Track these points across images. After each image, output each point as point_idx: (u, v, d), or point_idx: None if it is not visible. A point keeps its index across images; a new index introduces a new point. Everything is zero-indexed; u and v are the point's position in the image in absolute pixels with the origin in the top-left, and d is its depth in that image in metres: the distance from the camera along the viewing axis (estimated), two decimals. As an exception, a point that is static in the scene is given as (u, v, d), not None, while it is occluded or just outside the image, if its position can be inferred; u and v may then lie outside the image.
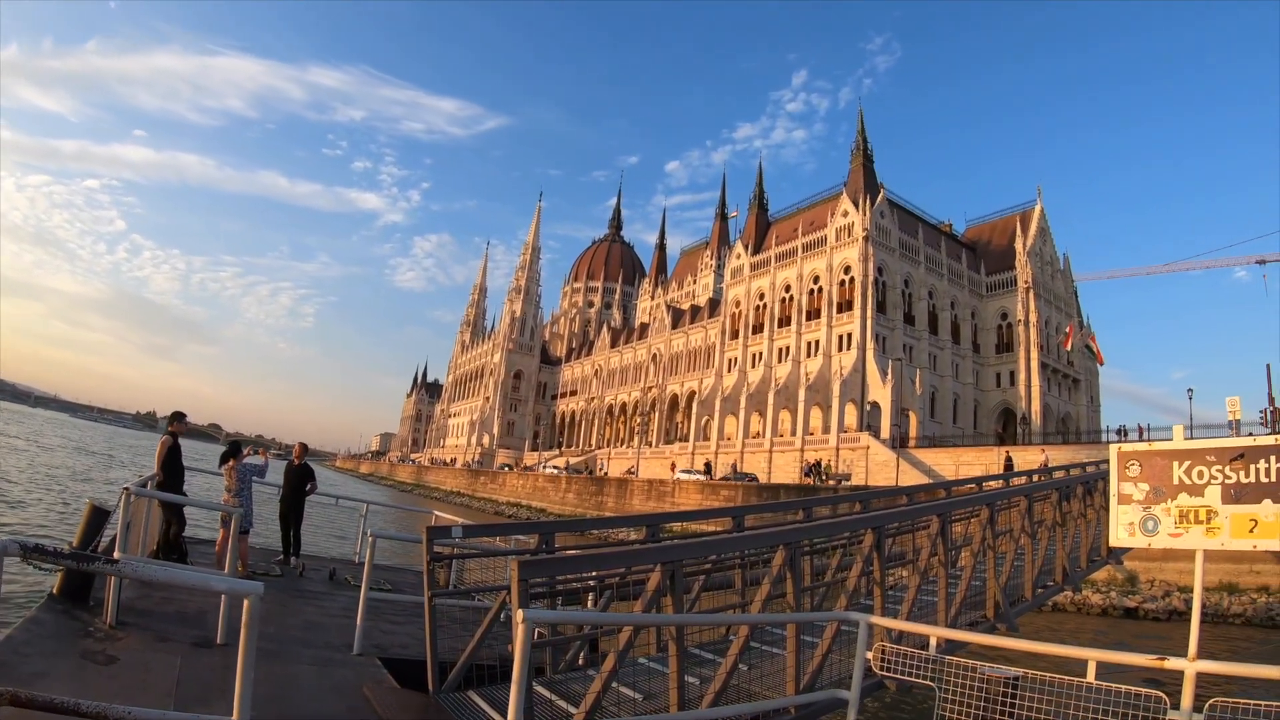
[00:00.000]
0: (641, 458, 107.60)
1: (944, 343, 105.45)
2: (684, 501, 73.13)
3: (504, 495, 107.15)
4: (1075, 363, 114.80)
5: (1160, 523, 12.31)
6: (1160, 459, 12.46)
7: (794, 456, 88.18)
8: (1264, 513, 11.46)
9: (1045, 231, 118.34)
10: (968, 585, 13.75)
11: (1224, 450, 12.02)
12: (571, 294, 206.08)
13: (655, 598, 7.92)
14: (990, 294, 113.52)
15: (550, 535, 12.47)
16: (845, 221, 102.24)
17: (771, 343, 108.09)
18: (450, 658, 9.22)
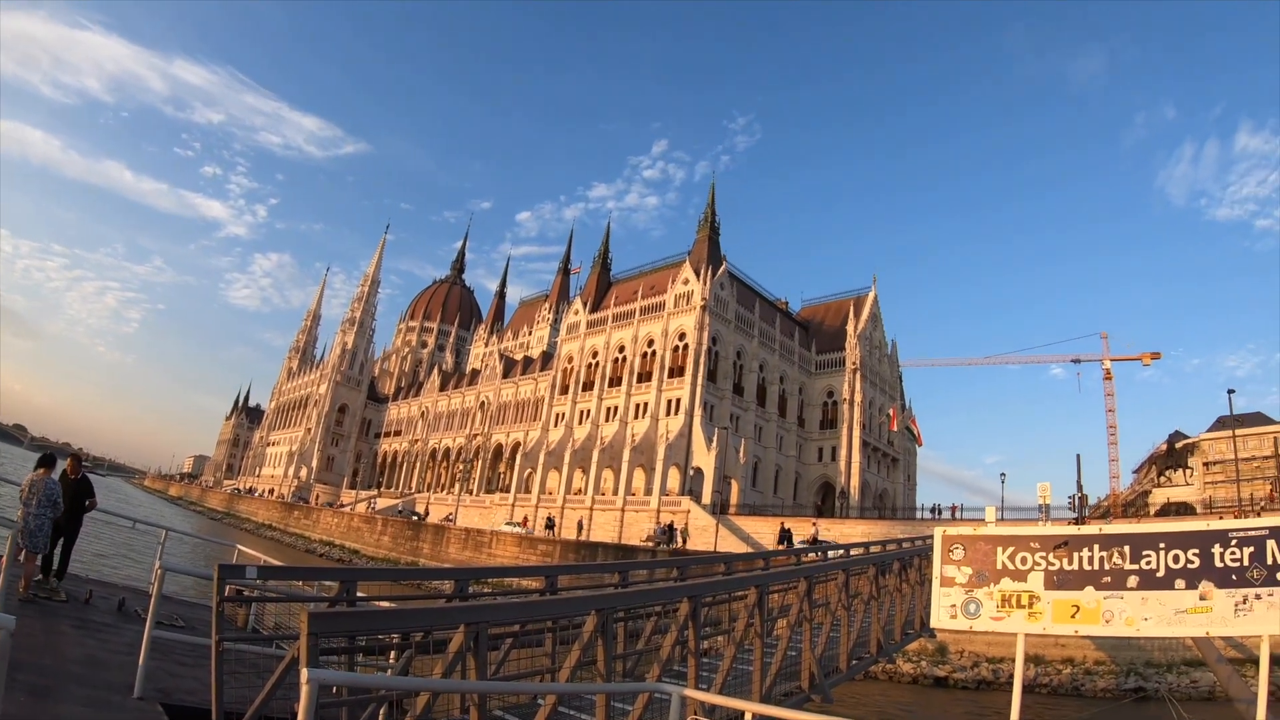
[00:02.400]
0: (461, 505, 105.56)
1: (770, 415, 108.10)
2: (501, 554, 71.98)
3: (317, 533, 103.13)
4: (895, 442, 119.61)
5: (983, 606, 12.64)
6: (984, 543, 12.80)
7: (614, 516, 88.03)
8: (1086, 599, 11.87)
9: (876, 318, 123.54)
10: (784, 655, 13.79)
11: (1048, 538, 12.47)
12: (406, 332, 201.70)
13: (457, 660, 7.59)
14: (819, 372, 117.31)
15: (352, 584, 11.71)
16: (685, 289, 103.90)
17: (600, 401, 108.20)
18: (239, 708, 8.29)
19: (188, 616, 15.58)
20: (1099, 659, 40.82)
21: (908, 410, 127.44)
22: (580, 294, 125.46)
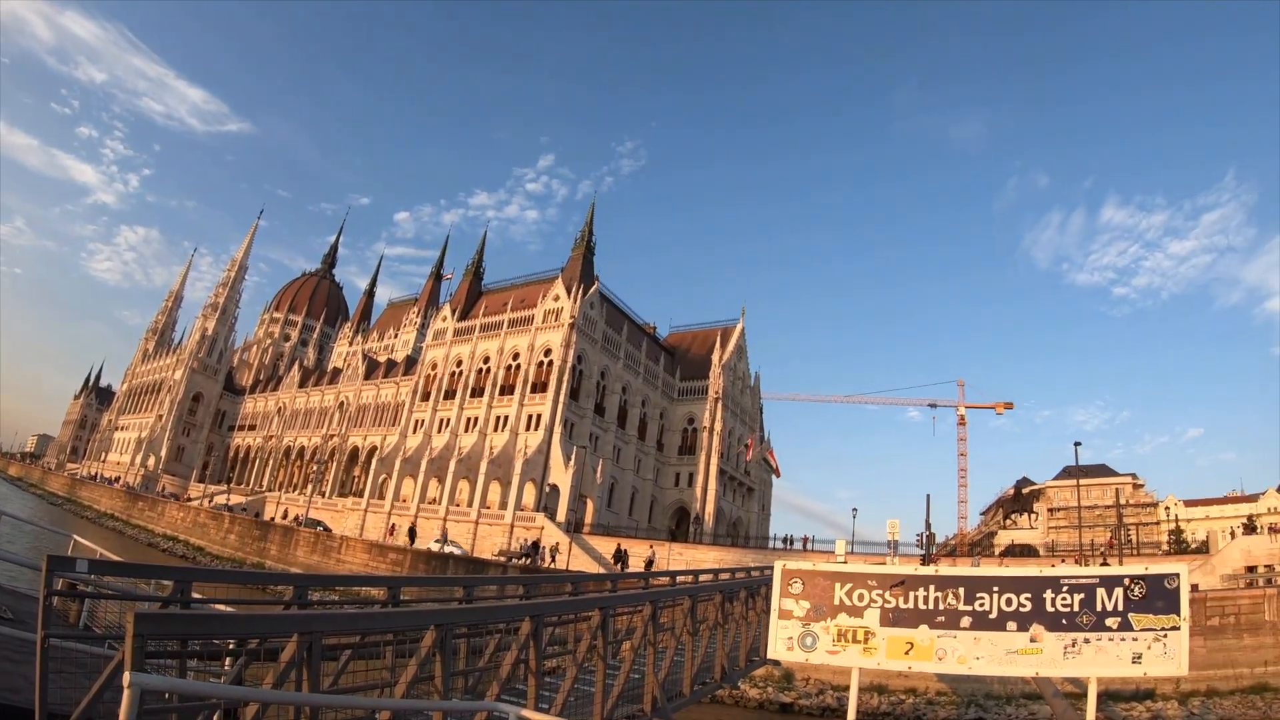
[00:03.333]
0: (313, 507, 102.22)
1: (630, 437, 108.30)
2: (350, 560, 70.14)
3: (162, 526, 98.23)
4: (751, 472, 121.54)
5: (819, 640, 12.68)
6: (823, 579, 12.87)
7: (468, 528, 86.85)
8: (920, 637, 12.04)
9: (742, 349, 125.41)
10: (626, 678, 13.57)
11: (885, 576, 12.60)
12: (270, 323, 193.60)
13: (289, 670, 7.17)
14: (682, 398, 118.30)
15: (187, 585, 11.10)
16: (555, 305, 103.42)
17: (462, 411, 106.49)
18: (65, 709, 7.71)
19: (18, 609, 14.45)
20: (941, 690, 41.59)
21: (766, 442, 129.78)
22: (450, 300, 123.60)
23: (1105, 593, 11.00)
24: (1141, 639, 10.92)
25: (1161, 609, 10.91)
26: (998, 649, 11.32)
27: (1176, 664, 10.82)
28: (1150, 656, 10.88)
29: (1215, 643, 42.60)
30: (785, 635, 12.95)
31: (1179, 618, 10.81)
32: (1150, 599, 10.97)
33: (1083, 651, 11.00)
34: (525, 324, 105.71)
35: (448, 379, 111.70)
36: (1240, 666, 41.99)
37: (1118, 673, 11.14)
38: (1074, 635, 10.99)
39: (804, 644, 12.77)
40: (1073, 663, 11.06)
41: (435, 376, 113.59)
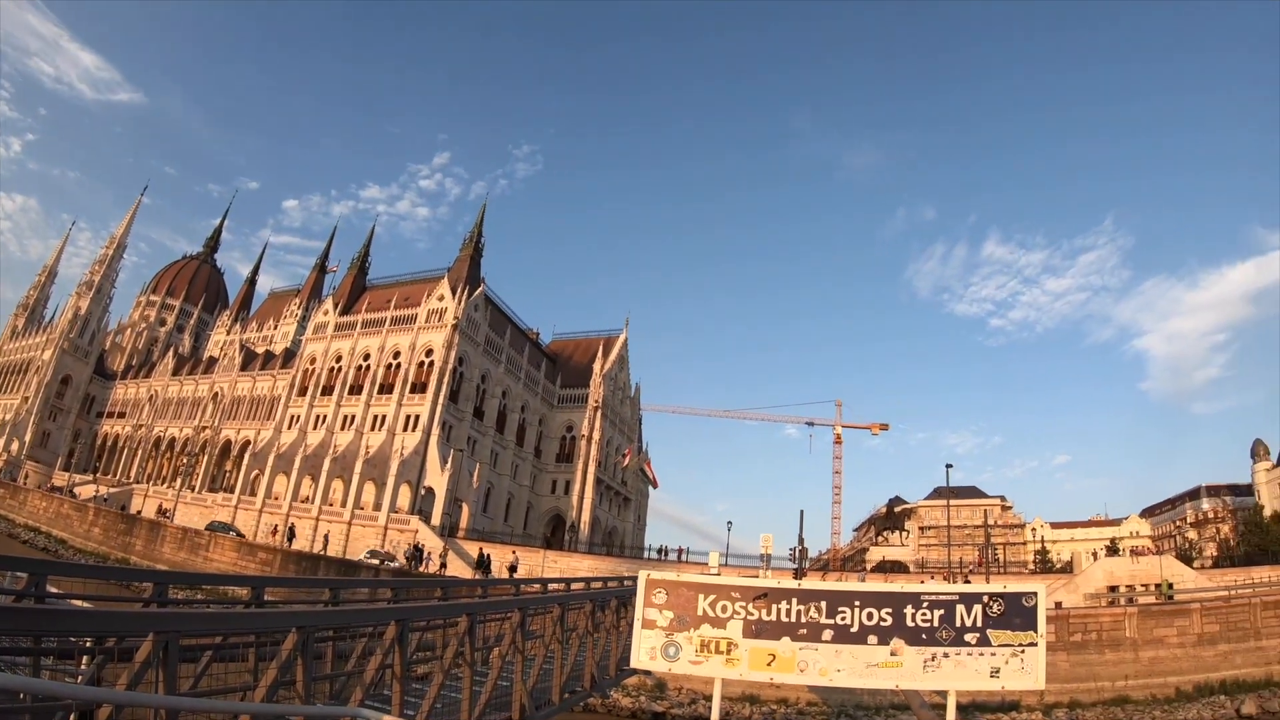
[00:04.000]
0: (181, 502, 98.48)
1: (508, 442, 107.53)
2: (218, 559, 67.97)
3: (23, 516, 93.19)
4: (628, 482, 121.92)
5: (682, 650, 12.58)
6: (687, 590, 12.78)
7: (341, 528, 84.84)
8: (782, 649, 12.02)
9: (624, 359, 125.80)
10: (494, 685, 13.41)
11: (748, 588, 12.56)
12: (146, 306, 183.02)
13: (144, 670, 6.82)
14: (562, 405, 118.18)
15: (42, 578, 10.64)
16: (439, 305, 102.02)
17: (339, 408, 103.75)
18: None
19: None
20: (812, 700, 42.34)
21: (644, 453, 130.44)
22: (333, 294, 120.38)
23: (965, 609, 11.18)
24: (1000, 654, 11.10)
25: (1020, 625, 11.13)
26: (859, 662, 11.40)
27: (1034, 679, 11.03)
28: (1008, 671, 11.07)
29: (1079, 657, 44.44)
30: (649, 645, 12.86)
31: (1036, 634, 11.03)
32: (1008, 616, 11.17)
33: (942, 666, 11.15)
34: (408, 323, 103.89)
35: (326, 374, 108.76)
36: (1102, 680, 43.88)
37: (976, 686, 11.31)
38: (934, 650, 11.13)
39: (667, 654, 12.68)
40: (932, 676, 11.20)
41: (314, 371, 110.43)
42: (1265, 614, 48.21)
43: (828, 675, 11.61)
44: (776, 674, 12.02)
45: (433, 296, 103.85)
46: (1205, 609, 48.68)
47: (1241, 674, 45.06)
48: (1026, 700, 41.72)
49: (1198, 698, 43.17)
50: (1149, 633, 46.21)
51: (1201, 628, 46.92)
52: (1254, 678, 44.84)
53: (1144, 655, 45.32)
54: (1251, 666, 45.63)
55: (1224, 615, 48.08)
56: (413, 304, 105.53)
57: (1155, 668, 44.94)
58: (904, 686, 11.34)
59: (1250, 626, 47.48)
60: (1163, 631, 46.48)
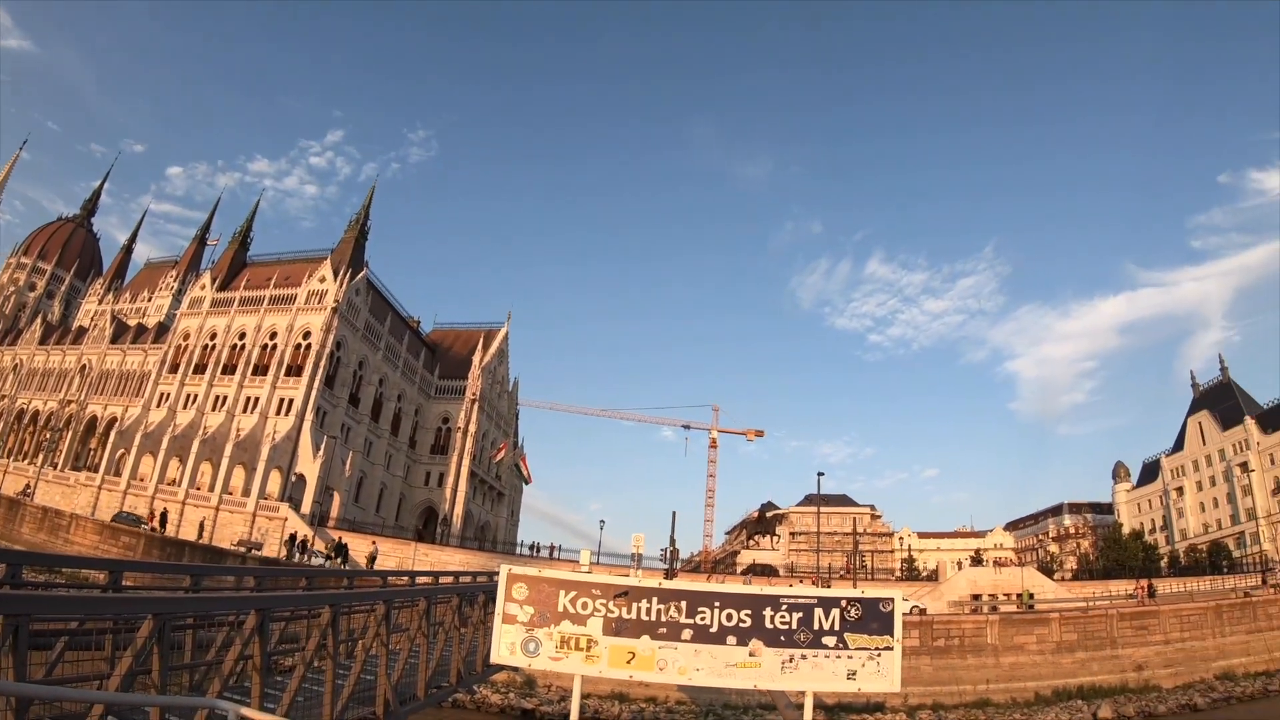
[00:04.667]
0: (44, 480, 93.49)
1: (383, 431, 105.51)
2: (80, 541, 65.07)
3: None
4: (502, 477, 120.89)
5: (542, 646, 12.30)
6: (548, 586, 12.51)
7: (209, 514, 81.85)
8: (642, 647, 11.83)
9: (504, 353, 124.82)
10: (357, 679, 12.98)
11: (609, 586, 12.36)
12: (16, 269, 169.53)
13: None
14: (439, 396, 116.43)
15: None
16: (320, 287, 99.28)
17: (211, 387, 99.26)
18: None
19: None
20: (681, 699, 42.50)
21: (520, 448, 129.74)
22: (212, 268, 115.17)
23: (823, 613, 11.24)
24: (856, 657, 11.17)
25: (876, 630, 11.21)
26: (718, 662, 11.35)
27: (889, 681, 11.10)
28: (865, 674, 11.13)
29: (942, 661, 45.68)
30: (509, 640, 12.62)
31: (892, 639, 11.11)
32: (865, 620, 11.24)
33: (800, 667, 11.18)
34: (287, 303, 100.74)
35: (200, 352, 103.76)
36: (965, 684, 45.18)
37: (833, 688, 11.35)
38: (792, 651, 11.16)
39: (528, 649, 12.45)
40: (790, 677, 11.21)
41: (187, 348, 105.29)
42: (1121, 625, 50.47)
43: (687, 674, 11.53)
44: (636, 672, 11.87)
45: (314, 277, 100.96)
46: (1064, 618, 50.60)
47: (1098, 680, 47.03)
48: (891, 702, 42.55)
49: (1056, 702, 44.87)
50: (1010, 639, 47.74)
51: (1060, 636, 48.81)
52: (1110, 684, 46.90)
53: (1005, 661, 46.79)
54: (1108, 674, 47.71)
55: (1082, 625, 50.07)
56: (293, 284, 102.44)
57: (1016, 673, 46.47)
58: (762, 687, 11.30)
59: (1107, 636, 49.62)
60: (1023, 639, 48.10)
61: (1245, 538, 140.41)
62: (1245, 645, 53.06)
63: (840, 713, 41.07)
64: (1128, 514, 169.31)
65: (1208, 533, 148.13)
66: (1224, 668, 50.72)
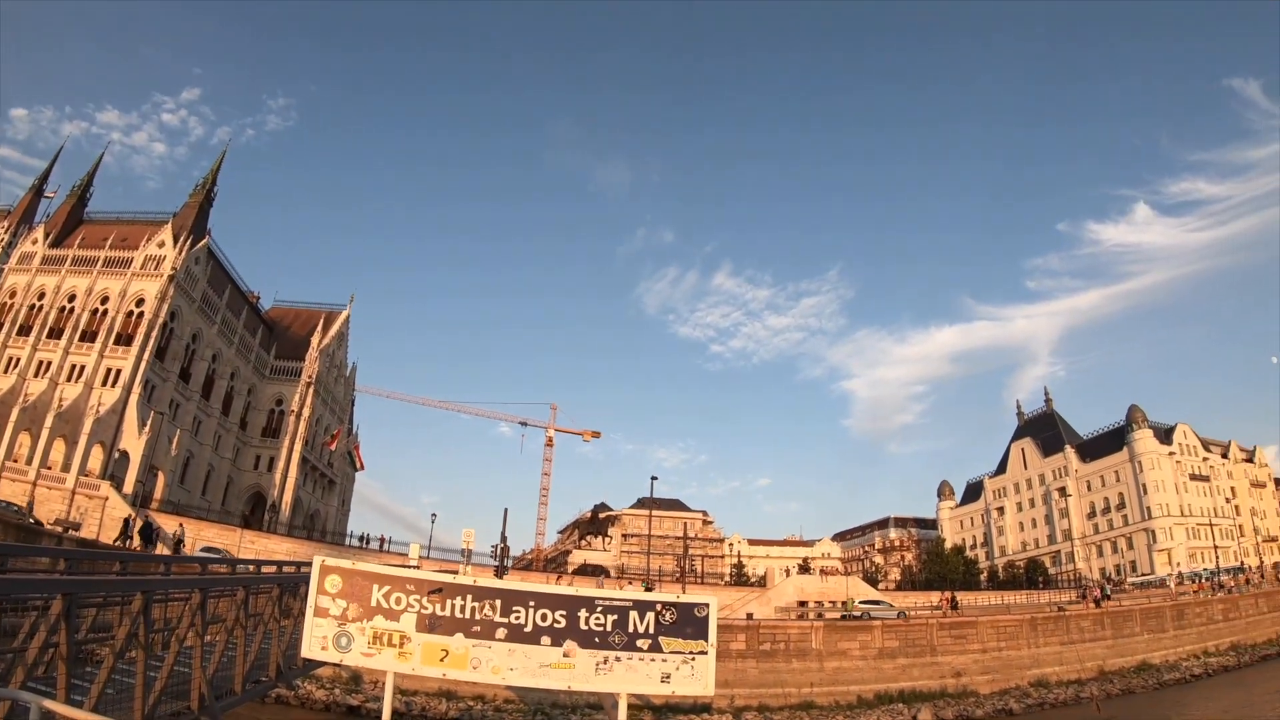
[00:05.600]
0: None
1: (214, 410, 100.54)
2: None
3: None
4: (335, 465, 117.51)
5: (355, 641, 11.84)
6: (362, 579, 12.07)
7: (25, 489, 76.51)
8: (455, 645, 11.49)
9: (344, 336, 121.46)
10: (171, 671, 12.22)
11: (423, 582, 11.98)
12: None
13: None
14: (273, 377, 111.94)
15: None
16: (159, 252, 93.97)
17: (35, 351, 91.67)
18: None
19: None
20: (509, 698, 42.42)
21: (354, 435, 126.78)
22: (46, 223, 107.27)
23: (638, 616, 11.19)
24: (671, 660, 11.13)
25: (691, 634, 11.20)
26: (531, 662, 11.17)
27: (703, 685, 11.11)
28: (679, 677, 11.10)
29: (768, 665, 46.75)
30: (320, 634, 12.19)
31: (707, 644, 11.12)
32: (680, 625, 11.23)
33: (614, 669, 11.11)
34: (122, 266, 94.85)
35: (26, 312, 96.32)
36: (790, 686, 46.38)
37: (647, 690, 11.32)
38: (606, 653, 11.08)
39: (339, 644, 12.04)
40: (604, 679, 11.12)
41: (12, 306, 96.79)
42: (941, 633, 52.67)
43: (500, 674, 11.32)
44: (449, 670, 11.58)
45: (152, 242, 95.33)
46: (887, 626, 52.46)
47: (919, 685, 48.97)
48: (718, 704, 43.35)
49: (878, 705, 46.51)
50: (834, 645, 49.17)
51: (883, 643, 50.53)
52: (930, 689, 48.92)
53: (829, 665, 48.14)
54: (928, 679, 49.73)
55: (904, 633, 51.98)
56: (130, 246, 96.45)
57: (839, 677, 47.89)
58: (576, 688, 11.16)
59: (928, 644, 51.66)
60: (847, 645, 49.60)
61: (1060, 556, 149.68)
62: (1058, 655, 56.02)
63: (668, 713, 41.49)
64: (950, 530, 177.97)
65: (1025, 550, 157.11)
66: (1038, 676, 53.45)
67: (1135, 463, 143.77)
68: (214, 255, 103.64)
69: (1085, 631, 59.43)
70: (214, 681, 13.65)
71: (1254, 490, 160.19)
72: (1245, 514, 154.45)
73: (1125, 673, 57.16)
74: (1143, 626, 63.45)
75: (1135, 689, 54.64)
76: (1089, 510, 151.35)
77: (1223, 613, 71.91)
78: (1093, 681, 54.34)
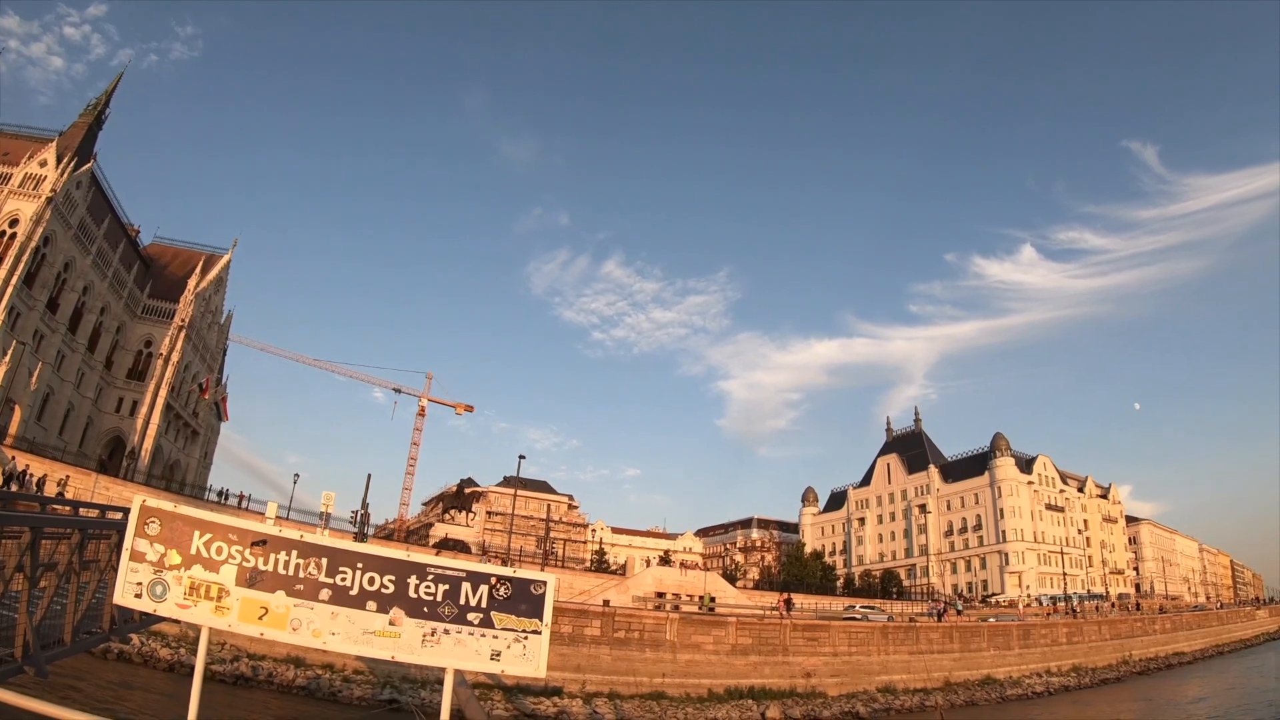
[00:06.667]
0: None
1: (79, 346, 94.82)
2: None
3: None
4: (200, 415, 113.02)
5: (170, 590, 10.94)
6: (183, 524, 11.18)
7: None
8: (275, 603, 10.66)
9: (223, 282, 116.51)
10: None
11: (246, 532, 11.20)
12: None
13: None
14: (145, 317, 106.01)
15: None
16: (39, 172, 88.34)
17: None
18: None
19: None
20: (359, 668, 41.78)
21: (223, 385, 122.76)
22: None
23: (470, 588, 10.70)
24: (502, 638, 10.71)
25: (525, 612, 10.77)
26: (355, 627, 10.54)
27: (534, 666, 10.67)
28: (509, 656, 10.67)
29: (622, 653, 46.70)
30: (135, 580, 11.27)
31: (541, 623, 10.70)
32: (515, 601, 10.79)
33: (441, 642, 10.62)
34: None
35: None
36: (641, 675, 46.38)
37: (475, 667, 10.85)
38: (434, 625, 10.58)
39: (154, 592, 11.15)
40: (430, 652, 10.62)
41: None
42: (794, 634, 53.34)
43: (321, 637, 10.62)
44: (268, 629, 10.82)
45: (35, 160, 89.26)
46: (741, 623, 53.00)
47: (769, 683, 49.58)
48: (569, 687, 43.29)
49: (728, 700, 46.97)
50: (689, 638, 49.38)
51: (737, 639, 51.00)
52: (780, 687, 49.58)
53: (682, 658, 48.35)
54: (779, 678, 50.40)
55: (758, 631, 52.52)
56: (11, 162, 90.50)
57: (692, 670, 48.14)
58: (400, 659, 10.61)
59: (780, 643, 52.30)
60: (701, 638, 49.87)
61: (916, 570, 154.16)
62: (907, 664, 57.45)
63: (519, 695, 41.23)
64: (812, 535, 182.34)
65: (883, 561, 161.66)
66: (886, 682, 54.73)
67: (995, 488, 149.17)
68: (97, 181, 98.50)
69: (934, 643, 61.05)
70: (41, 630, 12.76)
71: (1105, 524, 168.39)
72: (1095, 546, 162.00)
73: (970, 685, 59.07)
74: (990, 643, 65.56)
75: (979, 701, 56.57)
76: (947, 528, 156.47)
77: (1067, 636, 74.86)
78: (938, 691, 55.95)
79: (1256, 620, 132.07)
